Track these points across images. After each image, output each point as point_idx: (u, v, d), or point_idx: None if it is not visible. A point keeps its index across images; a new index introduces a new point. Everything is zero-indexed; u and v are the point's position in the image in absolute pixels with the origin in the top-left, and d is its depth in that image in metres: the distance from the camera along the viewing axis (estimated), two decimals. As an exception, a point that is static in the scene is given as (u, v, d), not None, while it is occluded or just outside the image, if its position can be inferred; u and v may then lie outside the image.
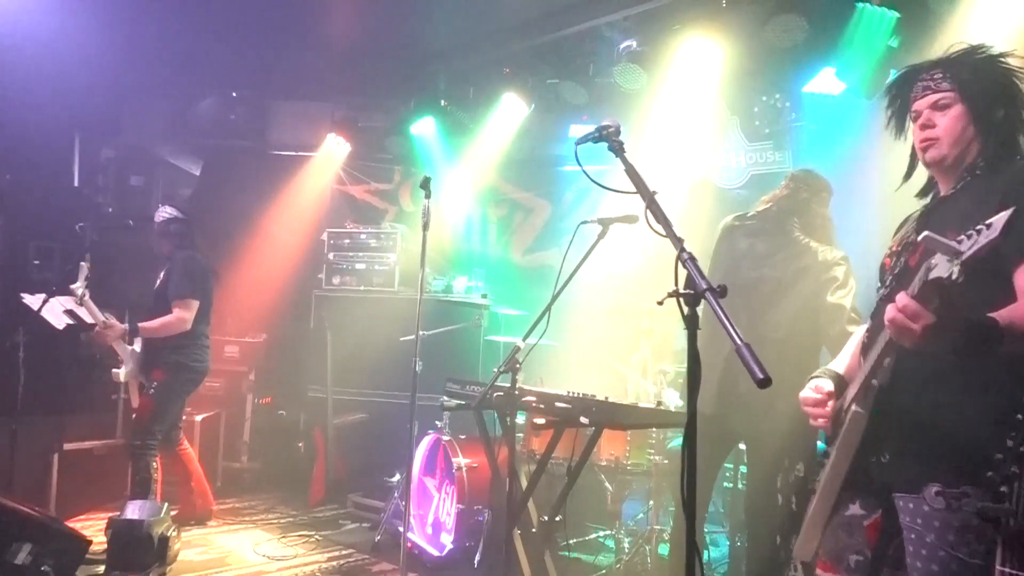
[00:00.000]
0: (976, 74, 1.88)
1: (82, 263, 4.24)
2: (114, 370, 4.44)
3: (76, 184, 6.14)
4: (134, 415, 4.47)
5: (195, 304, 4.46)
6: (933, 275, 1.46)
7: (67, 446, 4.91)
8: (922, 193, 2.07)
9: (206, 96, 6.67)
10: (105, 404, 5.42)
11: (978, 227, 1.41)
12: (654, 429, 4.15)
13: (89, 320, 4.55)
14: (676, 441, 4.34)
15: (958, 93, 1.87)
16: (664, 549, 4.17)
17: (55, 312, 4.44)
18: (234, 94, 6.65)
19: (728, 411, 3.23)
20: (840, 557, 1.91)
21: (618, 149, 2.07)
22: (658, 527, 4.20)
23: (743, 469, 4.24)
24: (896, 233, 2.12)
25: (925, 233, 1.46)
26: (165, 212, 4.70)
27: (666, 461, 4.22)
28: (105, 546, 3.84)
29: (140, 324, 4.34)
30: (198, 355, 4.60)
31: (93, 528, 4.24)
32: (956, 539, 1.70)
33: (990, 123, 1.87)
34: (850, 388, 1.93)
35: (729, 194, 5.64)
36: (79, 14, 4.96)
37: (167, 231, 4.63)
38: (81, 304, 4.20)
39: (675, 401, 4.21)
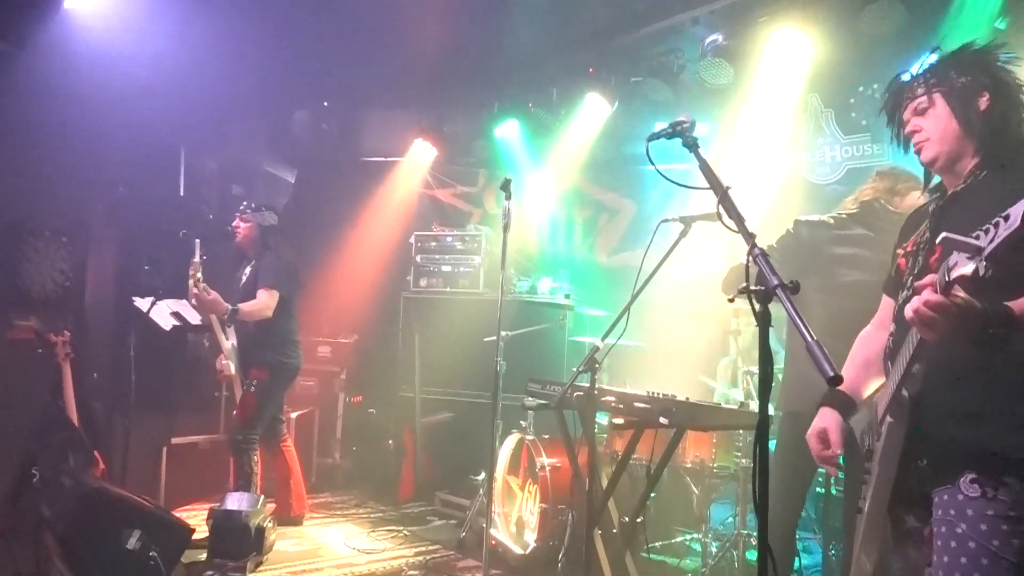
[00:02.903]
0: (947, 73, 1.87)
1: (196, 239, 4.48)
2: (224, 361, 4.65)
3: (182, 195, 6.51)
4: (235, 412, 4.70)
5: (277, 295, 4.59)
6: (956, 273, 1.41)
7: (175, 441, 5.22)
8: (935, 190, 2.04)
9: (300, 108, 6.96)
10: (209, 402, 5.73)
11: (995, 220, 1.37)
12: (741, 432, 4.05)
13: (194, 321, 4.83)
14: (768, 448, 4.21)
15: (933, 96, 1.88)
16: (752, 555, 4.05)
17: (162, 314, 4.73)
18: (325, 104, 6.90)
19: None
20: (918, 574, 1.81)
21: (692, 144, 2.04)
22: (745, 532, 4.08)
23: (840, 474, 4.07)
24: (904, 231, 2.08)
25: (943, 235, 1.43)
26: (271, 217, 4.84)
27: (758, 468, 4.09)
28: (207, 534, 4.08)
29: (240, 306, 4.50)
30: (292, 352, 4.79)
31: (197, 518, 4.50)
32: (989, 529, 1.61)
33: (973, 114, 1.84)
34: (881, 398, 1.84)
35: (823, 190, 5.42)
36: (182, 37, 5.27)
37: (265, 235, 4.81)
38: (199, 280, 4.36)
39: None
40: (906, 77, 1.99)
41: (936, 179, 2.03)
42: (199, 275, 4.36)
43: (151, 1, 4.79)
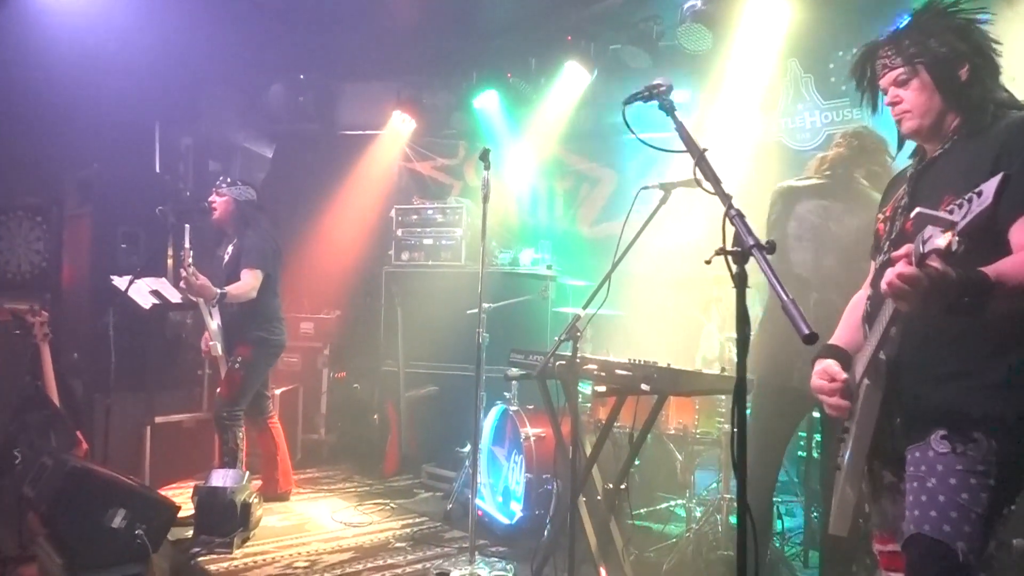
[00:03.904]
0: (927, 43, 1.85)
1: (186, 225, 4.43)
2: (212, 343, 4.60)
3: (158, 171, 6.42)
4: (219, 389, 4.68)
5: (261, 275, 4.57)
6: (930, 247, 1.42)
7: (158, 420, 5.19)
8: (914, 154, 2.03)
9: (276, 82, 6.85)
10: (191, 380, 5.70)
11: (968, 196, 1.38)
12: (723, 397, 4.08)
13: (174, 300, 4.78)
14: (746, 410, 4.25)
15: (913, 66, 1.86)
16: (736, 519, 4.10)
17: (141, 292, 4.67)
18: (302, 77, 6.80)
19: (800, 376, 3.14)
20: (894, 527, 1.85)
21: (668, 108, 2.03)
22: (729, 496, 4.13)
23: (817, 437, 4.13)
24: (884, 195, 2.09)
25: (917, 210, 1.44)
26: (248, 192, 4.77)
27: (736, 430, 4.13)
28: (193, 512, 4.07)
29: (227, 289, 4.46)
30: (277, 329, 4.77)
31: (183, 496, 4.49)
32: (958, 483, 1.65)
33: (955, 85, 1.83)
34: (858, 361, 1.87)
35: (802, 156, 5.41)
36: (154, 11, 5.16)
37: (243, 211, 4.75)
38: (189, 265, 4.33)
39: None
40: (880, 39, 1.97)
41: (909, 144, 2.04)
42: (190, 260, 4.31)
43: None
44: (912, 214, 1.47)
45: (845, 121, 5.30)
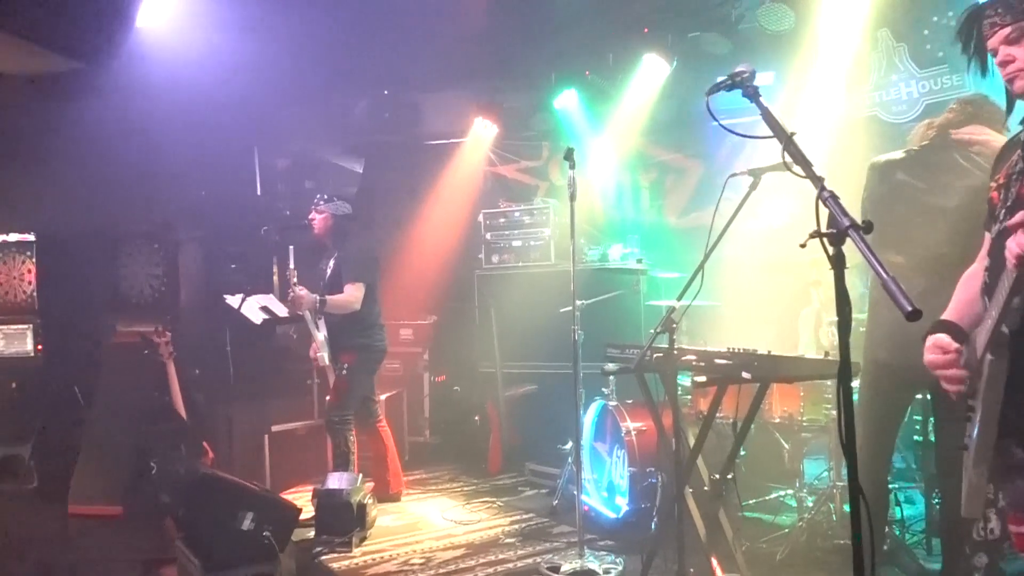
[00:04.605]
0: None
1: (290, 246, 4.70)
2: (319, 354, 4.81)
3: (259, 193, 6.78)
4: (328, 396, 4.90)
5: (363, 287, 4.78)
6: None
7: (274, 428, 5.49)
8: None
9: (361, 99, 7.11)
10: (301, 389, 6.00)
11: None
12: (829, 383, 3.98)
13: (281, 314, 5.05)
14: (854, 395, 4.13)
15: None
16: (849, 506, 3.99)
17: (252, 309, 4.97)
18: (385, 93, 7.03)
19: (908, 357, 3.03)
20: None
21: (753, 94, 2.02)
22: (841, 484, 4.03)
23: (933, 420, 3.97)
24: (996, 162, 1.98)
25: None
26: (344, 207, 4.97)
27: (843, 413, 4.02)
28: (313, 513, 4.30)
29: (327, 297, 4.69)
30: (378, 335, 4.97)
31: (301, 499, 4.74)
32: None
33: None
34: (978, 335, 1.79)
35: (901, 128, 5.20)
36: (245, 43, 5.45)
37: (342, 225, 4.95)
38: (295, 283, 4.58)
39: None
40: (988, 2, 1.88)
41: (1019, 112, 1.95)
42: (295, 280, 4.57)
43: (214, 11, 4.95)
44: None
45: (945, 89, 5.06)
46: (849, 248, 1.54)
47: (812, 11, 4.80)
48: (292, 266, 4.61)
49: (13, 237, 6.01)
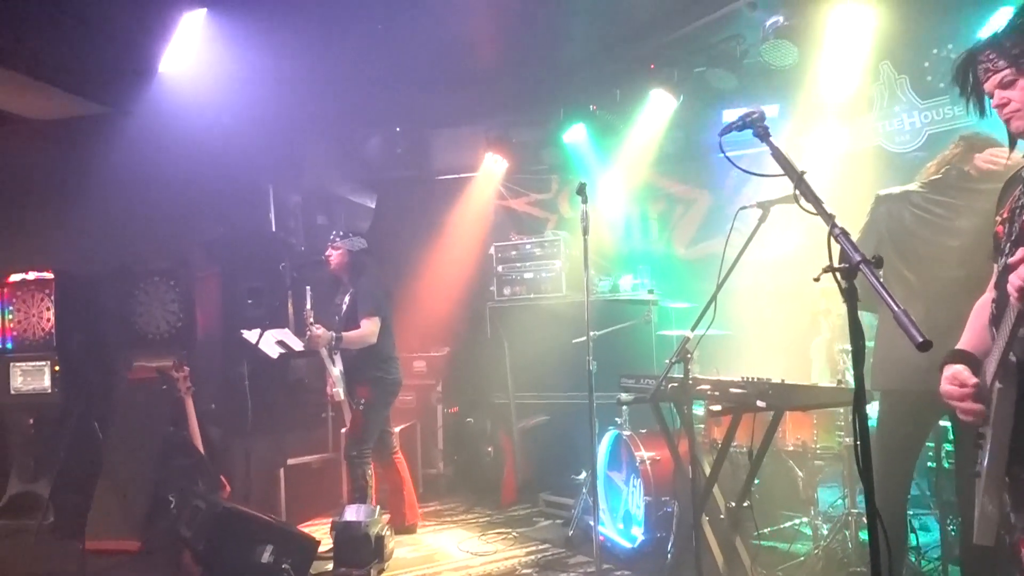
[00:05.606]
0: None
1: (307, 287, 4.79)
2: (335, 389, 4.86)
3: (274, 229, 6.89)
4: (346, 430, 4.95)
5: (379, 321, 4.86)
6: None
7: (290, 461, 5.53)
8: None
9: (373, 135, 7.25)
10: (315, 422, 6.04)
11: None
12: (842, 410, 4.02)
13: (296, 348, 5.12)
14: (868, 422, 4.15)
15: (1019, 66, 1.87)
16: (866, 534, 3.99)
17: (269, 344, 5.03)
18: (397, 130, 7.16)
19: (926, 385, 3.07)
20: None
21: (763, 134, 2.10)
22: (856, 511, 4.04)
23: (947, 447, 3.98)
24: (1001, 197, 2.05)
25: None
26: (359, 242, 5.07)
27: (859, 442, 4.04)
28: (331, 546, 4.32)
29: (343, 333, 4.77)
30: (392, 368, 5.03)
31: (317, 532, 4.76)
32: None
33: None
34: (988, 364, 1.84)
35: (904, 158, 5.30)
36: (259, 83, 5.60)
37: (357, 260, 5.04)
38: (312, 322, 4.68)
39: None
40: (980, 42, 1.98)
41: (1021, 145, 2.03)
42: (311, 320, 4.66)
43: (231, 55, 5.10)
44: None
45: (946, 119, 5.15)
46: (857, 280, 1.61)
47: (815, 45, 4.91)
48: (309, 306, 4.69)
49: (32, 275, 6.11)
